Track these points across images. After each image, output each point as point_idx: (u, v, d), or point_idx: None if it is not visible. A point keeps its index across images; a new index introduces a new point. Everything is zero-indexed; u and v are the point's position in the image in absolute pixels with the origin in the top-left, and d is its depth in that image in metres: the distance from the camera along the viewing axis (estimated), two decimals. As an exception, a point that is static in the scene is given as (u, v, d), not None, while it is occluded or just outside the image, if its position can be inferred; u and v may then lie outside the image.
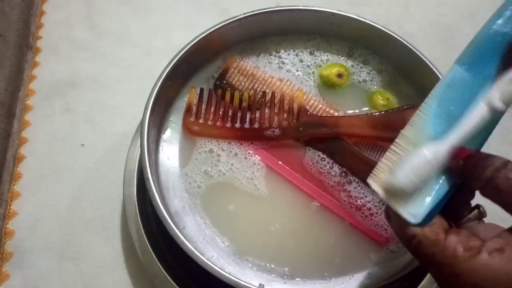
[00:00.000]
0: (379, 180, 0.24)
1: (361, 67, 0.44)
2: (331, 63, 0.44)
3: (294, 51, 0.45)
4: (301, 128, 0.39)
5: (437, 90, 0.26)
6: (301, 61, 0.45)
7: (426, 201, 0.23)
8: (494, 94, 0.24)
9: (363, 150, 0.39)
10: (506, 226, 0.22)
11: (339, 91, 0.43)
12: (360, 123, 0.38)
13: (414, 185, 0.23)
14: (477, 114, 0.24)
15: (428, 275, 0.38)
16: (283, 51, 0.45)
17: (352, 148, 0.38)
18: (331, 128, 0.38)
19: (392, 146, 0.25)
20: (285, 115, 0.40)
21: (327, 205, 0.37)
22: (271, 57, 0.45)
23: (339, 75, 0.42)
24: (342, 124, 0.39)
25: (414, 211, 0.23)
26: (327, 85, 0.43)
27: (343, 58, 0.45)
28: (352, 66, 0.44)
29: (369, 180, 0.25)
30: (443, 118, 0.25)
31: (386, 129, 0.38)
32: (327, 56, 0.45)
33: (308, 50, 0.45)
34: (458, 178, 0.23)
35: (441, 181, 0.24)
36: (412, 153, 0.24)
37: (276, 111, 0.40)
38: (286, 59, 0.45)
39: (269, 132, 0.39)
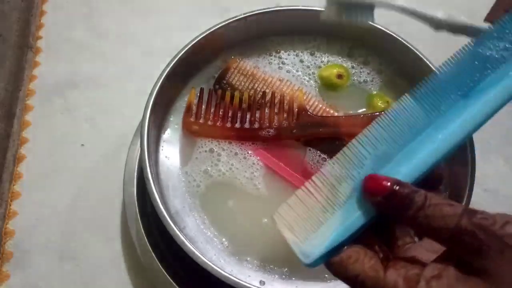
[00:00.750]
0: (284, 221, 0.23)
1: (361, 68, 0.44)
2: (331, 64, 0.44)
3: (294, 51, 0.45)
4: (300, 128, 0.39)
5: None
6: (301, 61, 0.45)
7: (324, 242, 0.22)
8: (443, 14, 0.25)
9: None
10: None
11: (339, 92, 0.43)
12: (360, 123, 0.38)
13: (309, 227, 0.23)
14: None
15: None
16: (283, 51, 0.45)
17: None
18: (331, 128, 0.38)
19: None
20: (285, 115, 0.40)
21: None
22: (271, 57, 0.45)
23: (339, 76, 0.42)
24: (342, 124, 0.39)
25: (308, 251, 0.22)
26: (327, 86, 0.43)
27: (343, 58, 0.45)
28: (353, 67, 0.44)
29: (275, 217, 0.24)
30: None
31: None
32: (327, 57, 0.45)
33: (308, 50, 0.45)
34: (379, 213, 0.23)
35: (349, 220, 0.22)
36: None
37: (276, 111, 0.40)
38: (286, 59, 0.45)
39: (269, 132, 0.39)
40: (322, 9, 0.42)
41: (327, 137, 0.39)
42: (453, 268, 0.20)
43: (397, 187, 0.21)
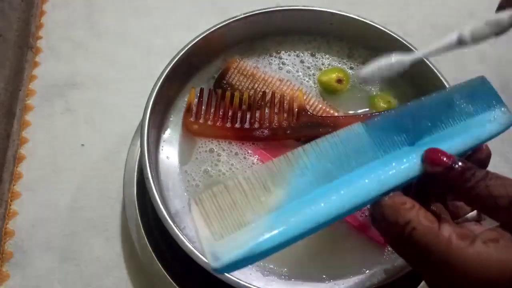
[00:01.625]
0: (202, 210, 0.21)
1: (361, 68, 0.44)
2: (331, 67, 0.44)
3: (294, 52, 0.45)
4: (300, 128, 0.39)
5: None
6: (301, 62, 0.45)
7: (243, 246, 0.20)
8: (467, 28, 0.26)
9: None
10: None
11: (339, 94, 0.43)
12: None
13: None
14: (448, 40, 0.26)
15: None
16: (283, 52, 0.45)
17: None
18: (331, 128, 0.38)
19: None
20: (285, 115, 0.39)
21: None
22: (272, 57, 0.45)
23: (339, 81, 0.42)
24: (342, 124, 0.38)
25: (220, 252, 0.19)
26: (327, 90, 0.43)
27: (343, 59, 0.45)
28: (352, 68, 0.44)
29: (192, 202, 0.21)
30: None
31: None
32: (327, 57, 0.45)
33: (308, 51, 0.45)
34: (439, 183, 0.23)
35: (274, 230, 0.20)
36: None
37: (276, 111, 0.40)
38: (286, 60, 0.45)
39: (268, 132, 0.39)
40: (322, 9, 0.43)
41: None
42: (511, 235, 0.20)
43: (459, 161, 0.22)
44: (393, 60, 0.28)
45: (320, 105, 0.41)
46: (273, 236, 0.20)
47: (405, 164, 0.23)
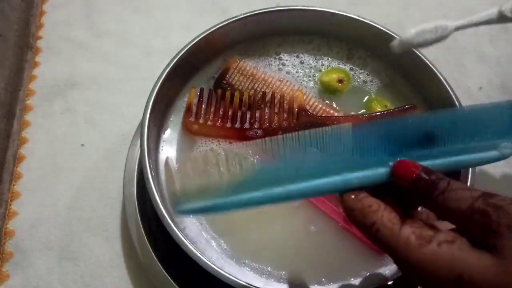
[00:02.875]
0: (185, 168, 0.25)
1: (361, 68, 0.44)
2: (331, 68, 0.44)
3: (294, 52, 0.45)
4: (300, 129, 0.38)
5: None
6: (301, 62, 0.45)
7: (203, 202, 0.24)
8: (508, 4, 0.28)
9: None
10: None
11: (339, 96, 0.43)
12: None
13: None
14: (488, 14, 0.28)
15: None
16: (283, 52, 0.45)
17: None
18: None
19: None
20: (285, 115, 0.39)
21: (325, 210, 0.36)
22: (272, 58, 0.45)
23: (340, 81, 0.42)
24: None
25: (185, 201, 0.24)
26: (328, 91, 0.43)
27: (343, 60, 0.45)
28: (351, 69, 0.44)
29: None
30: None
31: None
32: (327, 58, 0.45)
33: (308, 51, 0.45)
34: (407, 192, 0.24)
35: (234, 198, 0.24)
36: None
37: (276, 111, 0.40)
38: (286, 60, 0.45)
39: (268, 132, 0.39)
40: (322, 9, 0.43)
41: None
42: (466, 239, 0.21)
43: (424, 174, 0.23)
44: (437, 24, 0.30)
45: (320, 105, 0.41)
46: (227, 202, 0.24)
47: (373, 171, 0.25)
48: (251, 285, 0.30)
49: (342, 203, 0.25)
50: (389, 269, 0.34)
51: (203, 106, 0.41)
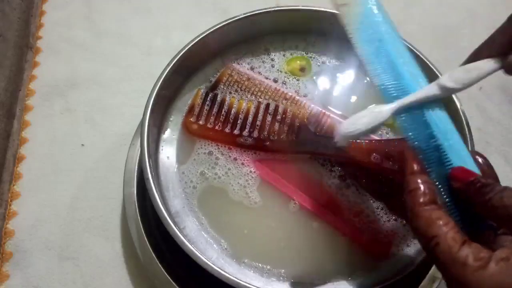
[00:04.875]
0: None
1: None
2: (294, 56, 0.45)
3: (294, 53, 0.45)
4: (299, 144, 0.38)
5: None
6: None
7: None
8: (446, 79, 0.28)
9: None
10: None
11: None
12: (362, 149, 0.37)
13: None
14: (427, 89, 0.28)
15: (427, 277, 0.38)
16: (284, 52, 0.45)
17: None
18: (331, 149, 0.38)
19: None
20: (285, 129, 0.39)
21: (323, 217, 0.36)
22: (271, 58, 0.45)
23: (302, 69, 0.43)
24: (343, 148, 0.37)
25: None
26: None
27: (342, 60, 0.45)
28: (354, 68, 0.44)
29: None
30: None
31: (385, 158, 0.36)
32: (327, 58, 0.45)
33: (309, 51, 0.45)
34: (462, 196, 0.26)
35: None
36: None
37: (277, 124, 0.39)
38: (287, 60, 0.45)
39: (266, 143, 0.39)
40: (322, 9, 0.43)
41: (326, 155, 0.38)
42: None
43: (481, 178, 0.25)
44: (371, 110, 0.29)
45: (323, 118, 0.40)
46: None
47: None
48: (251, 285, 0.30)
49: (408, 206, 0.25)
50: (387, 269, 0.34)
51: (206, 108, 0.41)
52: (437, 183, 0.26)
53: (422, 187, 0.25)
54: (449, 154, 0.27)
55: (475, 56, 0.30)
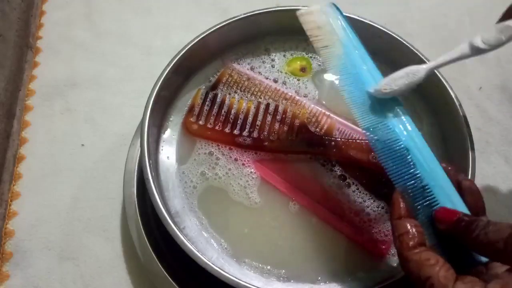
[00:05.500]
0: None
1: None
2: (295, 57, 0.45)
3: (294, 53, 0.45)
4: (299, 144, 0.38)
5: None
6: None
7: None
8: (477, 40, 0.29)
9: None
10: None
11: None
12: (360, 148, 0.38)
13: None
14: (460, 49, 0.30)
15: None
16: (284, 52, 0.45)
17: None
18: (330, 149, 0.38)
19: None
20: (285, 129, 0.39)
21: (323, 217, 0.36)
22: (272, 58, 0.45)
23: (303, 69, 0.43)
24: (341, 146, 0.38)
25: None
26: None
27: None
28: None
29: None
30: None
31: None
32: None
33: (309, 51, 0.45)
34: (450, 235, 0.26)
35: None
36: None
37: (277, 124, 0.39)
38: (287, 60, 0.45)
39: (266, 143, 0.39)
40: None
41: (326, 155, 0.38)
42: None
43: (464, 216, 0.25)
44: (408, 70, 0.30)
45: (325, 118, 0.40)
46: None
47: None
48: (251, 285, 0.30)
49: (398, 250, 0.26)
50: (386, 269, 0.34)
51: (206, 108, 0.41)
52: (425, 222, 0.27)
53: (410, 231, 0.26)
54: (436, 193, 0.27)
55: (508, 13, 0.30)
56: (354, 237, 0.35)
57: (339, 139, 0.39)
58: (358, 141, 0.38)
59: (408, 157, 0.28)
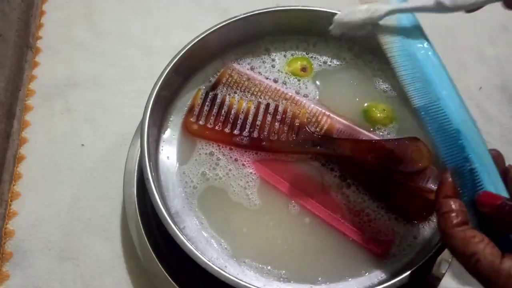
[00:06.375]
0: None
1: (365, 65, 0.44)
2: (295, 57, 0.45)
3: (295, 53, 0.45)
4: (299, 145, 0.38)
5: None
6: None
7: None
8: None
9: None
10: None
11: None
12: (360, 148, 0.37)
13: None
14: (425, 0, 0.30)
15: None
16: (284, 52, 0.45)
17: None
18: (330, 149, 0.38)
19: None
20: (285, 129, 0.39)
21: (323, 217, 0.36)
22: (272, 58, 0.45)
23: (303, 69, 0.43)
24: (341, 146, 0.38)
25: None
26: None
27: (342, 60, 0.45)
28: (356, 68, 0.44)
29: None
30: None
31: (384, 158, 0.36)
32: (328, 58, 0.45)
33: (309, 51, 0.45)
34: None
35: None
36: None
37: (277, 124, 0.39)
38: (287, 60, 0.45)
39: (265, 144, 0.39)
40: (322, 9, 0.43)
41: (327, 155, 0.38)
42: None
43: (507, 201, 0.25)
44: (370, 6, 0.30)
45: (323, 118, 0.40)
46: None
47: None
48: (251, 285, 0.30)
49: (441, 227, 0.26)
50: (385, 270, 0.34)
51: (206, 108, 0.41)
52: (468, 204, 0.27)
53: (455, 210, 0.26)
54: (482, 178, 0.28)
55: None
56: (355, 237, 0.35)
57: (339, 139, 0.39)
58: (358, 141, 0.38)
59: (460, 140, 0.28)
